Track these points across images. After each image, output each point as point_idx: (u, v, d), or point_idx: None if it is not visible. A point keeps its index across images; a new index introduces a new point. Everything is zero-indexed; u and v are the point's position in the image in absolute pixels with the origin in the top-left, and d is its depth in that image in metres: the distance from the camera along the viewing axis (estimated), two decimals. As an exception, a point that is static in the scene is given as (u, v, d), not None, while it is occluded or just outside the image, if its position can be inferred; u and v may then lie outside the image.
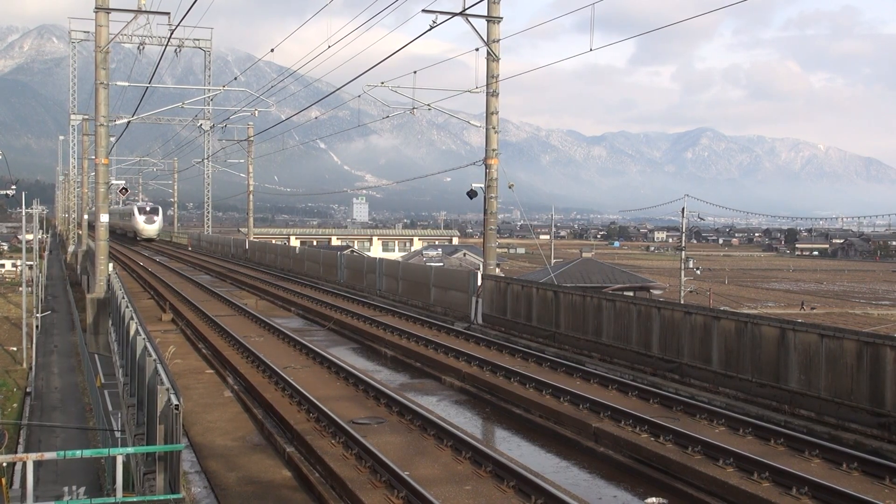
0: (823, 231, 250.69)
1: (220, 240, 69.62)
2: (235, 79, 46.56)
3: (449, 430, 12.51)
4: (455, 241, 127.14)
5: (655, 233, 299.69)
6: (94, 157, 33.75)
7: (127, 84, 36.27)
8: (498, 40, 25.96)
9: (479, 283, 25.94)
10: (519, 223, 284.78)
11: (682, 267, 55.38)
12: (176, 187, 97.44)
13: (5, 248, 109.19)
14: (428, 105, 29.74)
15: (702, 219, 77.49)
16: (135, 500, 10.03)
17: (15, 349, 43.78)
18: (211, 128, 52.50)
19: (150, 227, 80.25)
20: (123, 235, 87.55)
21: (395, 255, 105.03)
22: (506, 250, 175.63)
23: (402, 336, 22.40)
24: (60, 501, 14.90)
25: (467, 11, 24.58)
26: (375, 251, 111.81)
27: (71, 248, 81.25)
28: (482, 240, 28.00)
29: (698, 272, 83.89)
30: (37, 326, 47.87)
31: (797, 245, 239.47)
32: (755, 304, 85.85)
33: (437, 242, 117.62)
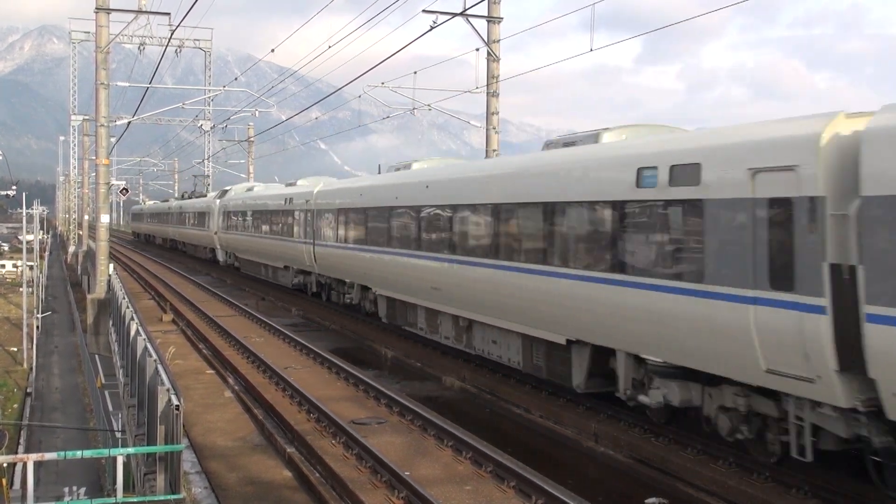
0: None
1: None
2: (236, 79, 46.48)
3: (449, 430, 12.51)
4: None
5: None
6: (94, 157, 33.73)
7: (127, 84, 36.22)
8: (498, 41, 25.90)
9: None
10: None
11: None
12: (177, 188, 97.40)
13: (6, 248, 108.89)
14: (428, 105, 29.71)
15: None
16: (135, 500, 10.05)
17: (15, 350, 43.75)
18: (211, 128, 52.36)
19: None
20: None
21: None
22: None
23: (402, 336, 22.40)
24: (61, 502, 14.92)
25: (468, 12, 24.52)
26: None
27: (71, 249, 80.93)
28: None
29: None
30: (37, 327, 47.80)
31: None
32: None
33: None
